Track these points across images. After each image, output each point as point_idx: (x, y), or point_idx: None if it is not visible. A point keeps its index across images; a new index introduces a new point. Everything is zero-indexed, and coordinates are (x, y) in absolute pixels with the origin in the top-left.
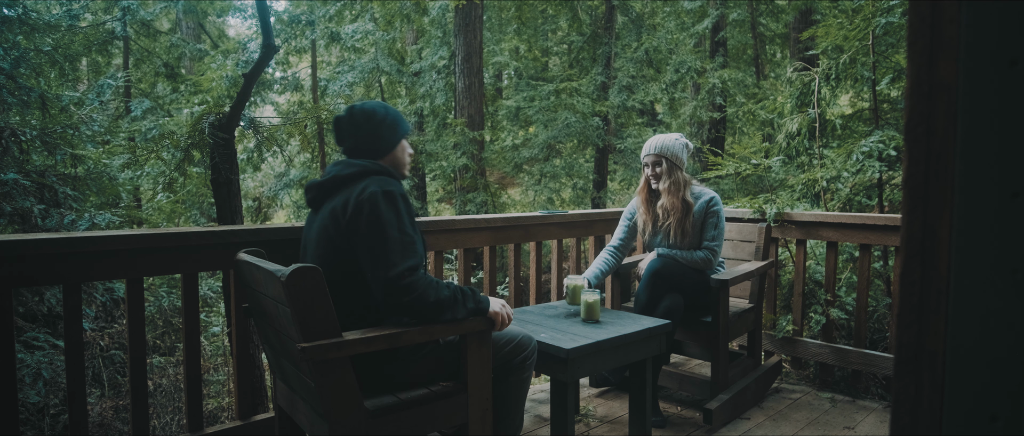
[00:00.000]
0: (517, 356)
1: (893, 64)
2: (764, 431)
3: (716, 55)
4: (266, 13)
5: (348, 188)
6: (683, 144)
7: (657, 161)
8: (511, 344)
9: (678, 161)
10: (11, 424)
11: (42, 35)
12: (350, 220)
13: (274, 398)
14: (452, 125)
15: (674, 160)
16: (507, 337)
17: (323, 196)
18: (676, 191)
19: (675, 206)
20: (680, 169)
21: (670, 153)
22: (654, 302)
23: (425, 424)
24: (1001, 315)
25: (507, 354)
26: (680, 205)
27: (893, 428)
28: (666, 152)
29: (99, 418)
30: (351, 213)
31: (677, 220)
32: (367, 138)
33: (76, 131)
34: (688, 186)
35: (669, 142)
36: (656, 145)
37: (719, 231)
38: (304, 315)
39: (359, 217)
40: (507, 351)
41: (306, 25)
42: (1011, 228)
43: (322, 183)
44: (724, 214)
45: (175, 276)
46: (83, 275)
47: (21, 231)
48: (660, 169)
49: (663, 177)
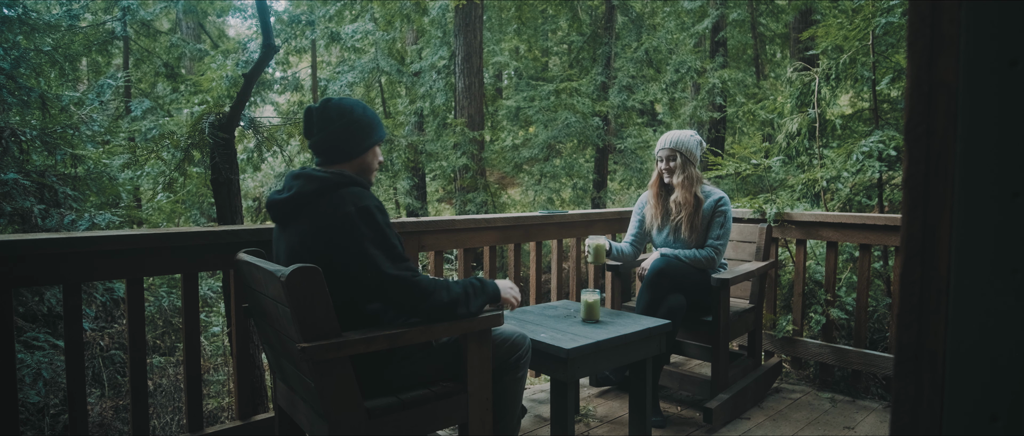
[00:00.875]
0: (512, 356)
1: (893, 64)
2: (764, 431)
3: (716, 55)
4: (266, 13)
5: (314, 205)
6: (697, 141)
7: (672, 155)
8: (506, 344)
9: (692, 157)
10: (11, 424)
11: (42, 35)
12: (331, 245)
13: (274, 398)
14: (452, 125)
15: (688, 155)
16: (501, 337)
17: (289, 215)
18: (689, 185)
19: (687, 201)
20: (693, 165)
21: (685, 148)
22: (657, 302)
23: (425, 424)
24: (1001, 315)
25: (503, 353)
26: (692, 200)
27: (893, 428)
28: (681, 147)
29: (99, 418)
30: (330, 239)
31: (688, 215)
32: (337, 137)
33: (76, 131)
34: (700, 183)
35: (684, 137)
36: (672, 139)
37: (725, 231)
38: (304, 315)
39: (342, 243)
40: (503, 350)
41: (306, 25)
42: (1011, 228)
43: (286, 200)
44: (731, 215)
45: (175, 276)
46: (83, 275)
47: (21, 231)
48: (674, 163)
49: (677, 171)
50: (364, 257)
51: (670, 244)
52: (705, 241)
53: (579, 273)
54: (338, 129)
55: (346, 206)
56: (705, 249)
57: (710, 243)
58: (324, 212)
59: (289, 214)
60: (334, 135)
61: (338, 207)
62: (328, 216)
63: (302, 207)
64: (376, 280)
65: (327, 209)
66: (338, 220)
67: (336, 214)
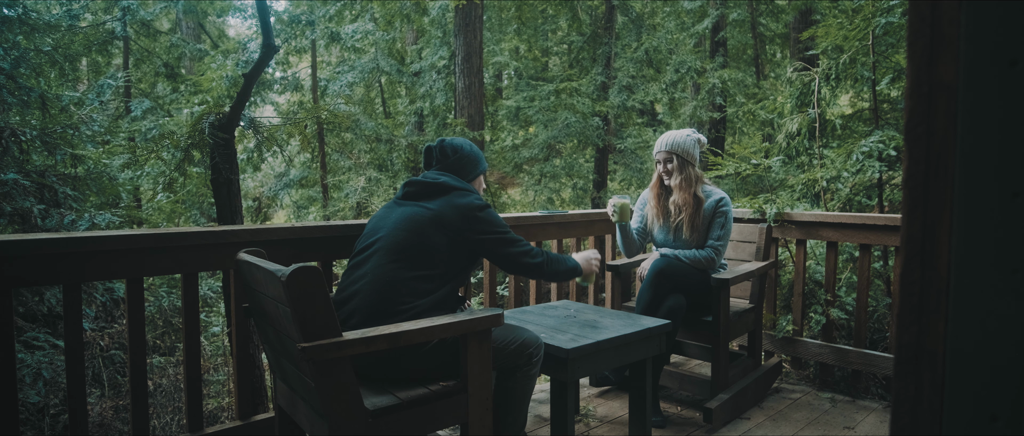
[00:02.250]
0: (523, 353)
1: (893, 64)
2: (764, 431)
3: (716, 55)
4: (266, 13)
5: (444, 195)
6: (694, 140)
7: (668, 158)
8: (516, 343)
9: (690, 157)
10: (11, 424)
11: (42, 35)
12: (464, 226)
13: (274, 398)
14: (452, 125)
15: (685, 156)
16: (511, 336)
17: (421, 193)
18: (687, 187)
19: (687, 202)
20: (692, 165)
21: (681, 149)
22: (657, 302)
23: (425, 424)
24: (1001, 315)
25: (513, 353)
26: (692, 201)
27: (893, 428)
28: (677, 149)
29: (99, 418)
30: (463, 221)
31: (688, 216)
32: (454, 167)
33: (76, 131)
34: (700, 182)
35: (680, 138)
36: (667, 142)
37: (726, 232)
38: (304, 315)
39: (474, 224)
40: (512, 349)
41: (306, 25)
42: (1011, 228)
43: (425, 184)
44: (732, 216)
45: (175, 276)
46: (83, 275)
47: (21, 231)
48: (672, 166)
49: (674, 173)
50: (497, 235)
51: (670, 244)
52: (705, 241)
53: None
54: (453, 162)
55: (472, 198)
56: (705, 249)
57: (710, 243)
58: (454, 199)
59: (423, 193)
60: (452, 166)
61: (468, 200)
62: (462, 203)
63: (434, 192)
64: (514, 252)
65: (458, 198)
66: (470, 207)
67: (466, 201)
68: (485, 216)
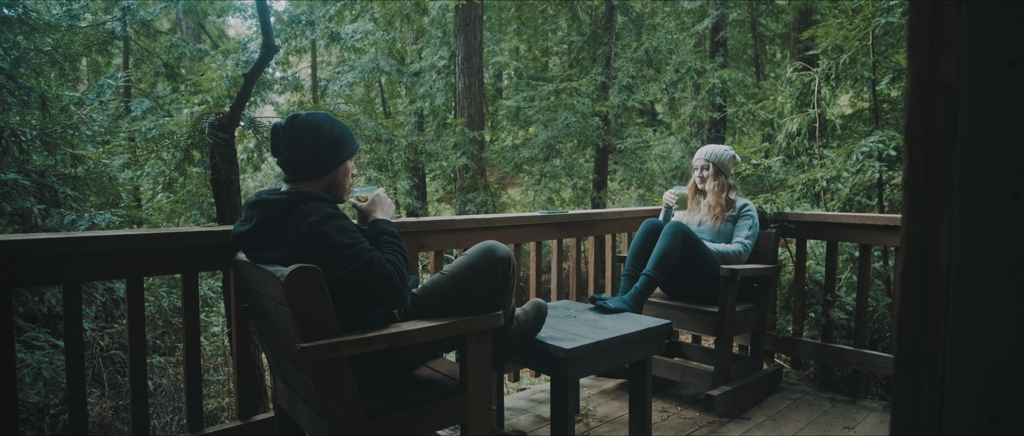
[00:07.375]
0: (499, 277)
1: (893, 64)
2: (764, 431)
3: (716, 55)
4: (266, 13)
5: (277, 230)
6: (731, 155)
7: (706, 165)
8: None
9: (724, 168)
10: (11, 424)
11: (42, 35)
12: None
13: (274, 398)
14: (452, 125)
15: (720, 166)
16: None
17: (257, 246)
18: (718, 191)
19: (718, 202)
20: (725, 175)
21: (717, 159)
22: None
23: (425, 424)
24: (1001, 315)
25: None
26: (722, 202)
27: (893, 428)
28: (714, 158)
29: (99, 418)
30: (309, 241)
31: (714, 216)
32: (304, 154)
33: (76, 131)
34: (730, 190)
35: (719, 151)
36: (707, 152)
37: (753, 233)
38: (303, 315)
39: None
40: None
41: (306, 25)
42: (1011, 228)
43: (249, 232)
44: (758, 220)
45: (175, 276)
46: (83, 275)
47: (21, 231)
48: (707, 172)
49: (709, 179)
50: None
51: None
52: (730, 238)
53: (579, 273)
54: (305, 148)
55: (303, 224)
56: (735, 244)
57: (739, 239)
58: (287, 237)
59: (256, 245)
60: (302, 154)
61: (297, 226)
62: (292, 241)
63: (266, 234)
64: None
65: (290, 233)
66: (302, 239)
67: (298, 232)
68: (324, 230)
